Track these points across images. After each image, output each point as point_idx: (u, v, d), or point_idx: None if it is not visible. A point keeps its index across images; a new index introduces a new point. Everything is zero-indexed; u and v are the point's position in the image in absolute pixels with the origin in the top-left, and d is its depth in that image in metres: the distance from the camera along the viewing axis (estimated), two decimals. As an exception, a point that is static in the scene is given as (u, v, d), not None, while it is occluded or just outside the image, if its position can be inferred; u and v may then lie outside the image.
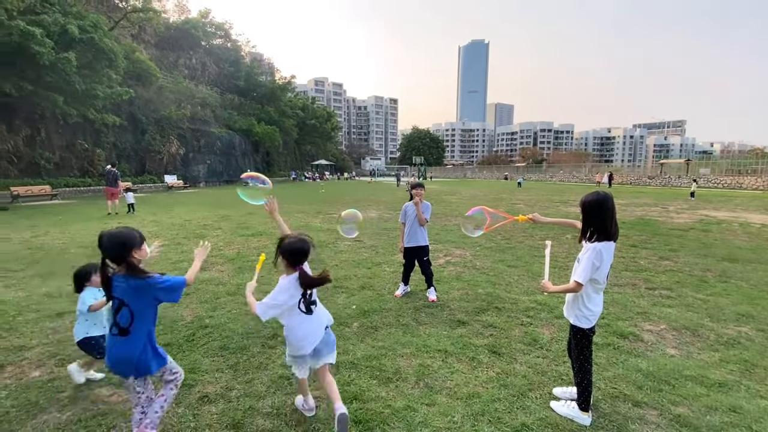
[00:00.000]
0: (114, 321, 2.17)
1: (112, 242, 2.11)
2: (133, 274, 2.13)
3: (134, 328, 2.15)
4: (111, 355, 2.23)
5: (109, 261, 2.15)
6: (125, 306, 2.13)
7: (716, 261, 6.85)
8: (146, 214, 13.74)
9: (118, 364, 2.23)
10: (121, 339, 2.16)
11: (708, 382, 3.03)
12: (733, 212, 14.61)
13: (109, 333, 2.22)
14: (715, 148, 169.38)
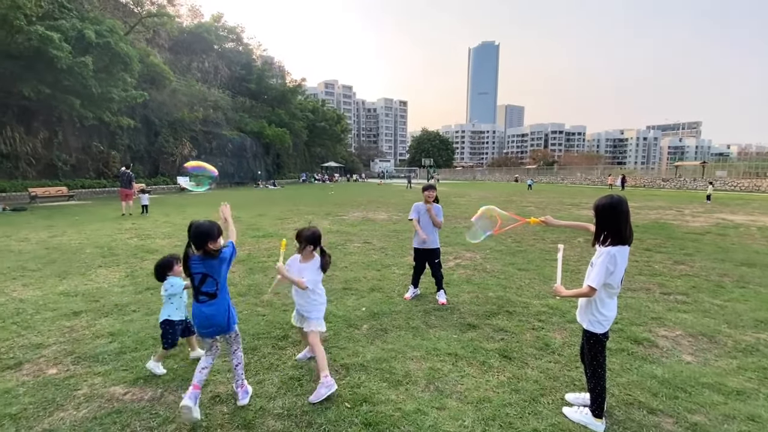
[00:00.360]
0: (199, 291, 2.66)
1: (197, 232, 2.62)
2: (209, 257, 2.64)
3: (219, 292, 2.69)
4: (201, 318, 2.72)
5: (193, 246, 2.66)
6: (210, 277, 2.65)
7: (734, 266, 6.70)
8: (159, 215, 13.96)
9: (209, 324, 2.72)
10: (210, 303, 2.68)
11: (725, 389, 2.96)
12: (750, 216, 14.26)
13: (196, 302, 2.70)
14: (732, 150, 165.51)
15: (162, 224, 11.67)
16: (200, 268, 2.64)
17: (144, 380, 3.06)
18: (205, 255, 2.63)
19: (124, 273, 6.19)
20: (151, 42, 35.55)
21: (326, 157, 66.05)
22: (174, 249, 7.94)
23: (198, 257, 2.65)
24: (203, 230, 2.61)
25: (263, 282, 5.68)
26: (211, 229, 2.64)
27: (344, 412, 2.66)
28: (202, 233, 2.60)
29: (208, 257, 2.63)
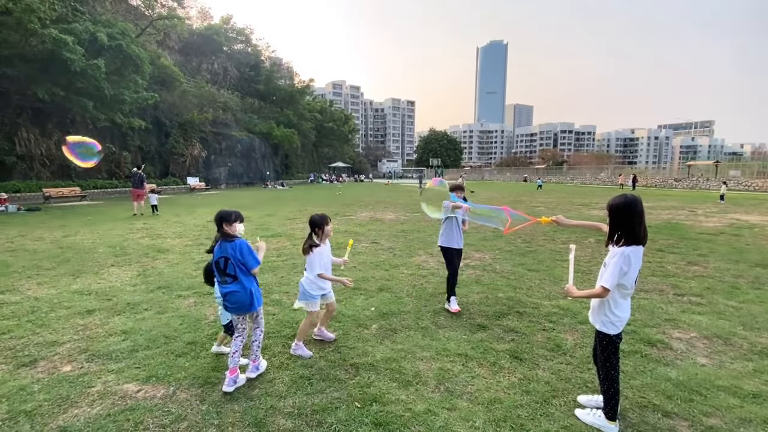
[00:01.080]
0: (224, 272, 2.99)
1: (218, 216, 3.01)
2: (226, 239, 2.99)
3: (239, 274, 2.98)
4: (230, 300, 3.04)
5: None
6: (229, 260, 2.96)
7: (749, 267, 6.56)
8: (170, 215, 14.12)
9: (234, 302, 3.05)
10: (234, 284, 3.00)
11: (741, 392, 2.90)
12: (765, 216, 13.96)
13: (223, 284, 3.03)
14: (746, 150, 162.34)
15: (173, 224, 11.80)
16: (220, 253, 2.98)
17: (156, 378, 3.10)
18: (224, 238, 2.99)
19: (136, 272, 6.27)
20: (162, 44, 36.02)
21: (334, 158, 66.23)
22: (185, 249, 8.04)
23: (222, 241, 3.00)
24: (222, 214, 3.01)
25: (272, 282, 5.71)
26: (229, 214, 3.01)
27: (354, 412, 2.66)
28: (221, 216, 3.00)
29: (226, 241, 2.97)
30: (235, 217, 3.03)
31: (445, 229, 4.65)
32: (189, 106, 34.81)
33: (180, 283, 5.60)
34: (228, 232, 2.99)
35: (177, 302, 4.84)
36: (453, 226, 4.62)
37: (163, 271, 6.33)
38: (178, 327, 4.06)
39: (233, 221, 3.02)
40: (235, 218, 3.03)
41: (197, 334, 3.90)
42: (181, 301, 4.86)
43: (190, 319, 4.26)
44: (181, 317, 4.32)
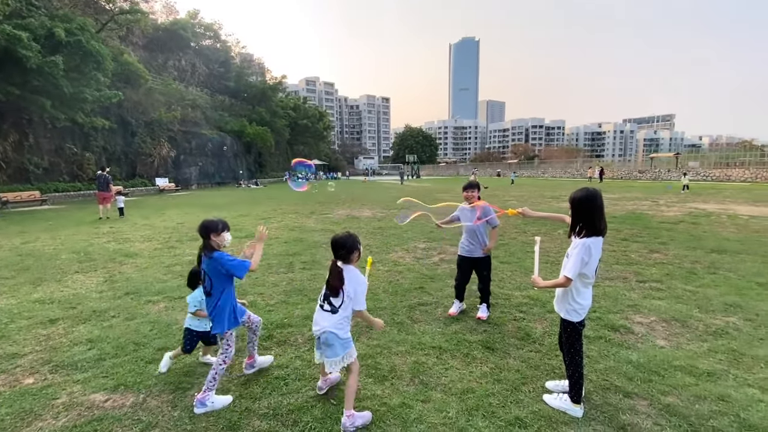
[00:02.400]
0: (204, 286, 2.86)
1: (200, 226, 2.82)
2: (208, 251, 2.78)
3: (213, 290, 2.81)
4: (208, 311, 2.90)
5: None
6: (207, 275, 2.81)
7: (705, 253, 6.97)
8: (138, 218, 13.62)
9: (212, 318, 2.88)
10: (208, 299, 2.85)
11: (697, 371, 3.10)
12: (721, 204, 14.84)
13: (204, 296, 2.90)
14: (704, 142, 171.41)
15: (141, 227, 11.39)
16: (204, 266, 2.84)
17: (125, 386, 3.01)
18: (206, 250, 2.80)
19: (102, 278, 6.03)
20: (125, 40, 34.49)
21: (309, 155, 65.34)
22: (154, 252, 7.79)
23: (205, 254, 2.82)
24: (204, 224, 2.83)
25: (246, 283, 5.62)
26: (213, 223, 2.83)
27: (330, 409, 2.68)
28: (203, 227, 2.81)
29: (208, 253, 2.78)
30: (222, 226, 2.84)
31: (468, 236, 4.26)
32: (156, 105, 33.53)
33: (149, 288, 5.43)
34: (212, 243, 2.79)
35: (146, 308, 4.69)
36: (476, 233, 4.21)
37: (131, 276, 6.12)
38: (148, 333, 3.95)
39: (221, 231, 2.83)
40: (222, 228, 2.84)
41: (168, 339, 3.80)
42: (150, 307, 4.72)
43: (161, 325, 4.14)
44: (151, 323, 4.20)
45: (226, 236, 2.88)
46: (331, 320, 2.57)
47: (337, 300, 2.59)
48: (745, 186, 27.15)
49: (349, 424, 2.44)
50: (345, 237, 2.68)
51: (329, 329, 2.55)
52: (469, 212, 4.15)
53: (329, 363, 2.58)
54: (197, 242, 3.08)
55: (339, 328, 2.56)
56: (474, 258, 4.22)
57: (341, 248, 2.66)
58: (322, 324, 2.59)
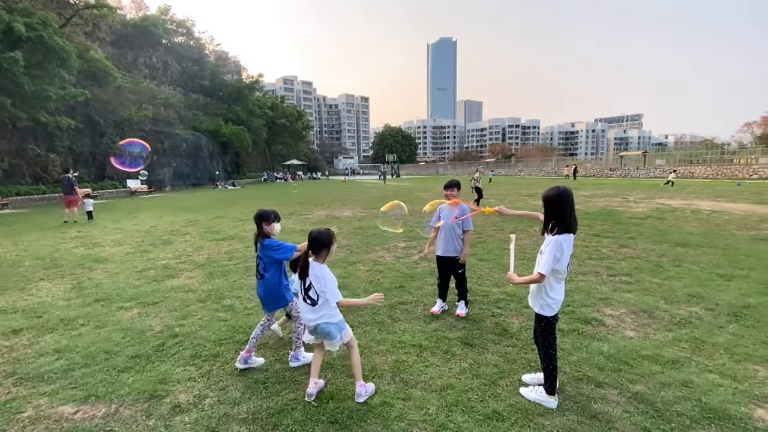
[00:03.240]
0: (258, 270, 3.31)
1: (255, 215, 3.26)
2: (261, 238, 3.25)
3: (266, 273, 3.26)
4: (258, 293, 3.39)
5: None
6: (261, 259, 3.27)
7: (670, 247, 7.31)
8: (108, 222, 13.11)
9: (263, 300, 3.37)
10: (261, 282, 3.31)
11: (662, 360, 3.25)
12: (685, 200, 15.58)
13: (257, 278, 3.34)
14: (670, 140, 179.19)
15: (112, 231, 10.97)
16: (258, 252, 3.28)
17: (96, 397, 2.91)
18: (260, 236, 3.24)
19: (69, 285, 5.78)
20: (91, 36, 33.12)
21: (288, 155, 64.67)
22: (126, 257, 7.54)
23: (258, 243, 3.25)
24: (259, 213, 3.27)
25: (224, 287, 5.52)
26: (266, 213, 3.27)
27: (311, 411, 2.67)
28: (257, 216, 3.25)
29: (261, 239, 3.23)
30: (273, 217, 3.29)
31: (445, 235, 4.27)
32: (125, 103, 32.36)
33: (121, 294, 5.25)
34: (265, 231, 3.23)
35: (118, 314, 4.53)
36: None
37: (101, 282, 5.90)
38: (120, 341, 3.82)
39: (272, 221, 3.27)
40: (274, 218, 3.29)
41: (142, 346, 3.69)
42: (122, 314, 4.57)
43: (134, 332, 4.01)
44: (124, 330, 4.06)
45: (276, 226, 3.31)
46: (317, 312, 2.76)
47: (313, 293, 2.75)
48: (707, 182, 28.58)
49: (363, 392, 2.77)
50: (318, 233, 2.81)
51: (320, 321, 2.75)
52: (449, 211, 4.23)
53: (330, 344, 2.83)
54: (171, 246, 3.00)
55: (329, 317, 2.76)
56: (448, 257, 4.26)
57: (313, 242, 2.79)
58: (309, 317, 2.79)
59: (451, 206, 4.21)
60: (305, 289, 2.77)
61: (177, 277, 6.05)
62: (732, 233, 8.45)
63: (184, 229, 10.80)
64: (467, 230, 4.21)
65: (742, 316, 4.08)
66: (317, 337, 2.88)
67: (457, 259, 4.23)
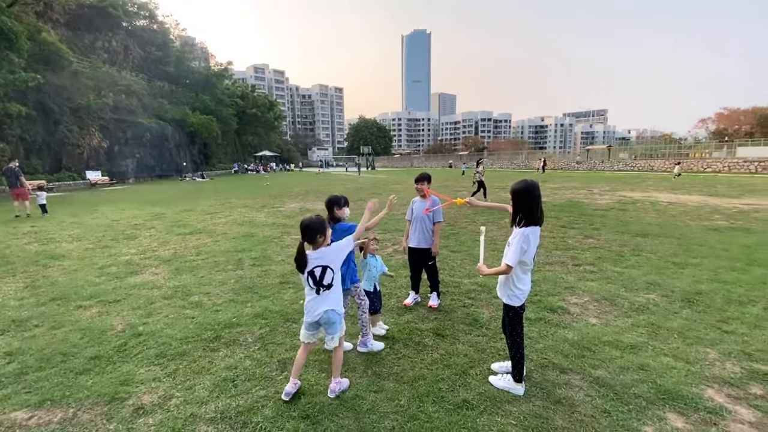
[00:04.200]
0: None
1: (327, 200, 3.42)
2: (332, 223, 3.25)
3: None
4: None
5: None
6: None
7: (631, 237, 7.67)
8: (65, 216, 12.37)
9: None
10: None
11: (622, 345, 3.42)
12: (645, 192, 16.38)
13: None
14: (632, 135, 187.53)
15: (69, 226, 10.37)
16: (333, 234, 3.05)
17: (52, 401, 2.75)
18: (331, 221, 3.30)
19: (22, 284, 5.43)
20: (43, 16, 30.78)
21: (260, 146, 63.03)
22: (85, 253, 7.16)
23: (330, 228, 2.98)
24: (330, 198, 3.41)
25: (191, 283, 5.34)
26: (336, 198, 3.39)
27: (282, 408, 2.64)
28: (328, 201, 3.40)
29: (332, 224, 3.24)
30: (344, 201, 3.41)
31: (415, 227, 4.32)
32: (83, 90, 30.44)
33: (80, 293, 4.98)
34: (336, 215, 3.34)
35: (76, 314, 4.30)
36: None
37: (57, 280, 5.57)
38: (78, 342, 3.63)
39: (342, 205, 3.38)
40: (344, 203, 3.40)
41: (102, 347, 3.52)
42: (81, 313, 4.34)
43: (93, 332, 3.82)
44: (82, 330, 3.86)
45: (346, 210, 3.41)
46: (330, 299, 2.73)
47: (327, 277, 2.70)
48: (665, 176, 30.13)
49: (338, 389, 2.77)
50: (310, 220, 2.73)
51: (330, 308, 2.72)
52: (421, 203, 4.28)
53: (332, 338, 2.78)
54: (135, 240, 2.86)
55: (338, 304, 2.77)
56: (420, 249, 4.29)
57: (306, 231, 2.72)
58: (321, 308, 2.71)
59: (423, 199, 4.26)
60: (317, 279, 2.69)
61: (141, 274, 5.80)
62: (686, 224, 8.97)
63: (148, 223, 10.36)
64: (437, 222, 4.25)
65: (694, 301, 4.34)
66: (314, 333, 2.82)
67: (428, 251, 4.26)
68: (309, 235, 2.71)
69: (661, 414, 2.52)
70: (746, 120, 56.20)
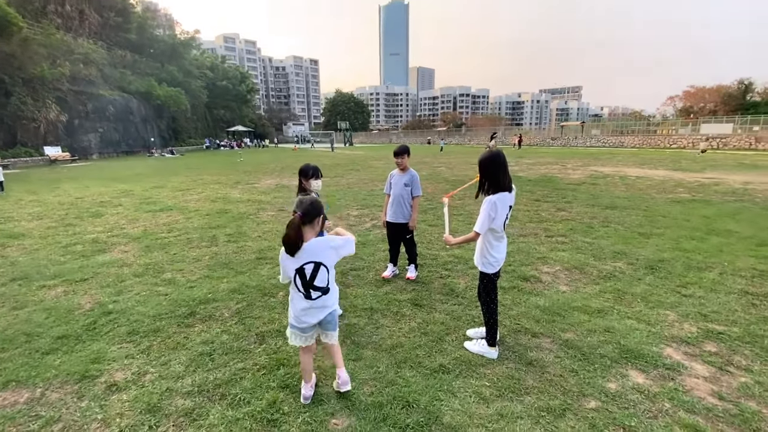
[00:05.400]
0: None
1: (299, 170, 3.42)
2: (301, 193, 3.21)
3: None
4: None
5: None
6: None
7: (601, 209, 7.95)
8: (23, 193, 11.67)
9: None
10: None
11: (589, 310, 3.58)
12: (616, 167, 16.91)
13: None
14: (605, 112, 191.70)
15: (28, 204, 9.80)
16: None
17: (17, 382, 2.65)
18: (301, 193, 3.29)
19: (-22, 264, 5.12)
20: (-18, -26, 27.87)
21: (232, 121, 60.73)
22: (47, 231, 6.82)
23: None
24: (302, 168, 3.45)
25: (163, 260, 5.18)
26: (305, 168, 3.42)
27: (260, 379, 2.64)
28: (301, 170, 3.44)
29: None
30: (312, 173, 3.37)
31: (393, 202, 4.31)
32: (35, 58, 28.18)
33: (43, 272, 4.76)
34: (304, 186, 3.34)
35: (40, 294, 4.12)
36: None
37: (17, 259, 5.29)
38: (43, 322, 3.48)
39: (310, 177, 3.35)
40: (312, 174, 3.36)
41: (69, 326, 3.39)
42: (45, 292, 4.15)
43: (59, 311, 3.67)
44: (47, 310, 3.70)
45: (313, 183, 3.33)
46: (327, 301, 2.33)
47: (320, 278, 2.25)
48: (634, 151, 31.15)
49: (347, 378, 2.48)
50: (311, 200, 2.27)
51: (330, 309, 2.36)
52: (399, 177, 4.26)
53: (332, 336, 2.44)
54: (101, 218, 2.72)
55: (335, 303, 2.41)
56: (398, 223, 4.30)
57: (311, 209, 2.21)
58: (318, 315, 2.32)
59: (401, 173, 4.24)
60: (307, 279, 2.22)
61: (109, 252, 5.58)
62: (652, 196, 9.36)
63: (115, 201, 9.91)
64: (416, 196, 4.25)
65: (657, 268, 4.58)
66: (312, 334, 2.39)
67: (406, 225, 4.28)
68: (310, 214, 2.20)
69: (623, 371, 2.68)
70: (711, 98, 58.35)
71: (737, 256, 4.92)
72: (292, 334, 2.39)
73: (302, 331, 2.34)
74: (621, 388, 2.50)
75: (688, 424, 2.19)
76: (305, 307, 2.29)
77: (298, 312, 2.31)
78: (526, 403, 2.39)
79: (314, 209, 2.22)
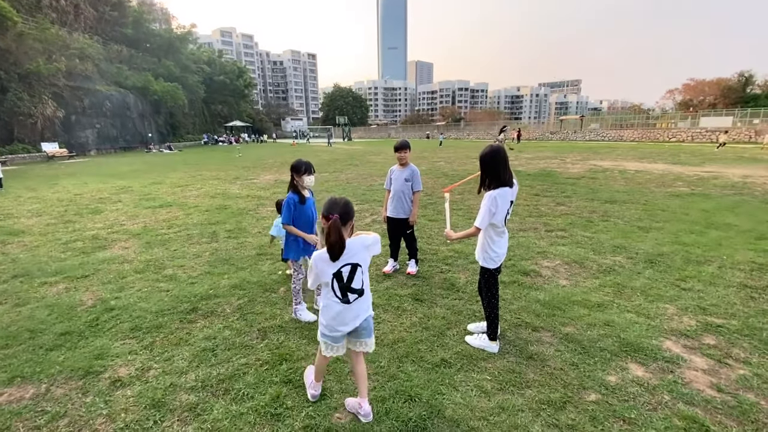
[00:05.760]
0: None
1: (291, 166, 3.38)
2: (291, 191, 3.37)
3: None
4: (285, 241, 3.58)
5: None
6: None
7: (600, 203, 7.96)
8: (22, 190, 11.64)
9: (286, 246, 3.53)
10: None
11: (589, 304, 3.61)
12: (615, 161, 16.91)
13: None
14: (604, 105, 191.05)
15: (27, 201, 9.78)
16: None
17: (22, 378, 2.67)
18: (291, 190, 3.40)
19: (-22, 261, 5.12)
20: (-25, -32, 27.51)
21: (230, 116, 60.38)
22: (47, 228, 6.81)
23: None
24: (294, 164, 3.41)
25: (164, 256, 5.19)
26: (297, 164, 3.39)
27: (263, 374, 2.66)
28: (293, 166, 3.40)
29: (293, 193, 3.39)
30: (304, 169, 3.35)
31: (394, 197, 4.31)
32: (31, 54, 27.88)
33: (44, 269, 4.76)
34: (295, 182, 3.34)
35: (41, 290, 4.13)
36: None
37: (18, 256, 5.29)
38: (45, 318, 3.50)
39: (303, 173, 3.33)
40: (304, 170, 3.34)
41: (72, 323, 3.41)
42: (46, 289, 4.16)
43: (62, 308, 3.69)
44: (49, 307, 3.72)
45: (305, 179, 3.34)
46: (363, 305, 2.20)
47: (356, 280, 2.13)
48: (633, 145, 31.13)
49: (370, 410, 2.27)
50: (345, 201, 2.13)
51: (367, 313, 2.24)
52: (399, 172, 4.26)
53: (368, 344, 2.28)
54: (101, 215, 2.72)
55: (370, 308, 2.27)
56: (398, 218, 4.31)
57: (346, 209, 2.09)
58: (353, 321, 2.18)
59: (401, 168, 4.24)
60: (345, 282, 2.10)
61: (109, 248, 5.58)
62: (651, 190, 9.37)
63: (115, 197, 9.89)
64: (417, 191, 4.25)
65: (656, 262, 4.60)
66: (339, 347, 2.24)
67: (407, 220, 4.28)
68: (349, 215, 2.08)
69: (623, 365, 2.71)
70: (710, 91, 58.13)
71: (736, 250, 4.95)
72: (323, 344, 2.26)
73: (334, 340, 2.21)
74: (621, 381, 2.53)
75: (687, 416, 2.22)
76: (340, 311, 2.14)
77: (330, 319, 2.17)
78: (527, 396, 2.42)
79: (350, 209, 2.11)
